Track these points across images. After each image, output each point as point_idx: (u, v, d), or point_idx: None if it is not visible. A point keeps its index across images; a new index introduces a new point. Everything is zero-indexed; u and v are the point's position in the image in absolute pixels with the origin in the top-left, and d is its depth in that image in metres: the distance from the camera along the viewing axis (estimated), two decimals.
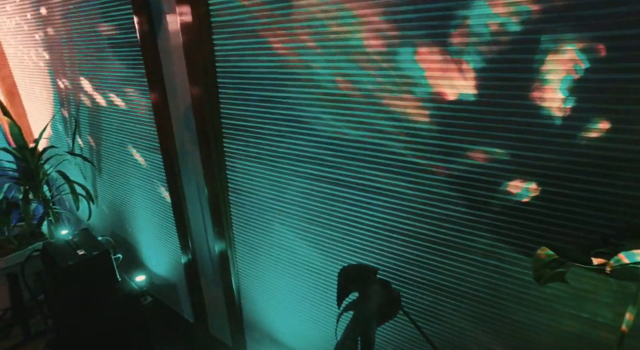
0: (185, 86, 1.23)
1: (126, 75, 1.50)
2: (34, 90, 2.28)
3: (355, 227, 1.00)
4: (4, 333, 1.99)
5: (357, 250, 1.02)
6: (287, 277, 1.24)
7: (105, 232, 2.26)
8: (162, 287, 1.91)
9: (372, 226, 0.96)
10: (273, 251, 1.24)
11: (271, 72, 1.01)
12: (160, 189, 1.59)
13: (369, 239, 0.98)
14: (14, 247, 2.15)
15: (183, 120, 1.32)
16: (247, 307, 1.44)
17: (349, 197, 0.98)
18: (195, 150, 1.31)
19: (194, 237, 1.52)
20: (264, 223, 1.22)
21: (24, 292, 1.97)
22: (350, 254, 1.04)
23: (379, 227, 0.95)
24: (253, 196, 1.22)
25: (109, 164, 1.92)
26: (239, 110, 1.14)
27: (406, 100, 0.79)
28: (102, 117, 1.80)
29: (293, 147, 1.05)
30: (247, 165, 1.19)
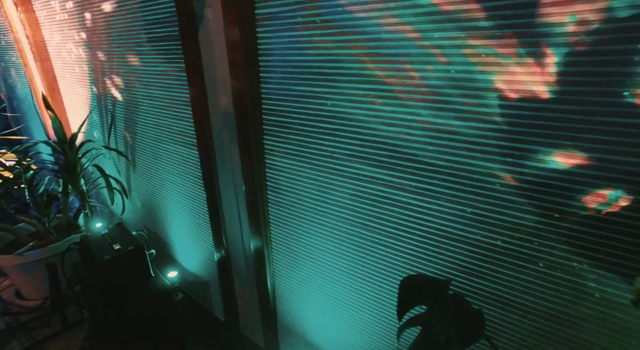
0: (226, 81, 1.21)
1: (164, 70, 1.51)
2: (73, 84, 2.35)
3: (409, 233, 0.94)
4: (44, 321, 2.07)
5: (411, 258, 0.97)
6: (327, 281, 1.20)
7: (137, 226, 2.31)
8: (194, 284, 1.93)
9: (429, 233, 0.91)
10: (313, 253, 1.21)
11: (318, 66, 0.97)
12: (195, 185, 1.59)
13: (424, 247, 0.93)
14: (53, 238, 2.23)
15: (222, 116, 1.30)
16: (282, 309, 1.42)
17: (402, 201, 0.93)
18: (234, 147, 1.30)
19: (228, 235, 1.52)
20: (304, 224, 1.19)
21: (61, 282, 2.03)
22: (402, 261, 0.99)
23: (437, 233, 0.89)
24: (293, 195, 1.19)
25: (143, 158, 1.95)
26: (281, 106, 1.11)
27: (474, 98, 0.73)
28: (138, 112, 1.82)
29: (341, 145, 1.00)
30: (288, 163, 1.16)
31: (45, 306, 2.17)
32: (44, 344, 1.92)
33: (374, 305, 1.10)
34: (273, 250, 1.35)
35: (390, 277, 1.03)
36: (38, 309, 2.17)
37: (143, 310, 1.63)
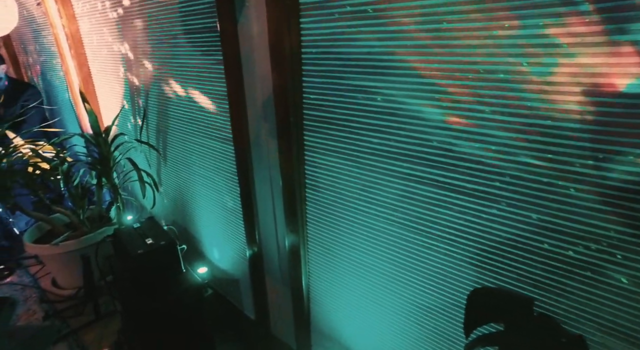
0: (266, 74, 1.18)
1: (200, 63, 1.50)
2: (106, 77, 2.40)
3: (465, 239, 0.89)
4: (78, 310, 2.13)
5: (466, 266, 0.91)
6: (368, 285, 1.16)
7: (167, 220, 2.34)
8: (223, 280, 1.93)
9: (488, 240, 0.85)
10: (353, 255, 1.17)
11: (368, 58, 0.93)
12: (229, 180, 1.58)
13: (482, 254, 0.87)
14: (87, 229, 2.29)
15: (260, 110, 1.28)
16: (317, 311, 1.39)
17: (458, 204, 0.87)
18: (271, 142, 1.27)
19: (261, 232, 1.50)
20: (344, 224, 1.15)
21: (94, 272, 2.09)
22: (456, 269, 0.94)
23: (497, 241, 0.83)
24: (333, 194, 1.15)
25: (175, 152, 1.96)
26: (324, 101, 1.07)
27: (549, 93, 0.67)
28: (171, 106, 1.83)
29: (389, 143, 0.96)
30: (329, 160, 1.12)
31: (79, 296, 2.23)
32: (79, 332, 1.97)
33: (420, 313, 1.05)
34: (309, 250, 1.32)
35: (441, 285, 0.98)
36: (73, 298, 2.24)
37: (173, 305, 1.64)
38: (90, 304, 2.08)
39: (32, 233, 2.34)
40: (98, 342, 1.91)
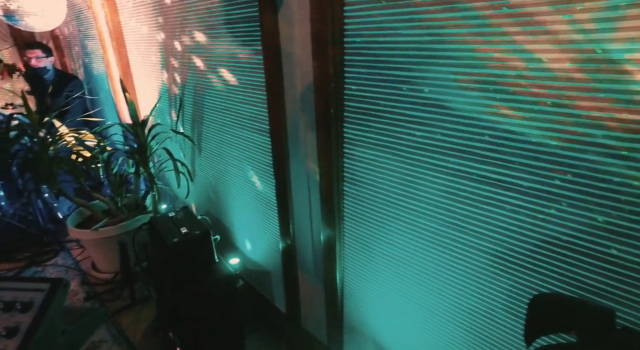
0: (307, 64, 1.17)
1: (238, 53, 1.50)
2: (145, 68, 2.47)
3: (519, 241, 0.84)
4: (115, 294, 2.23)
5: (519, 269, 0.86)
6: (406, 283, 1.14)
7: (200, 210, 2.40)
8: (255, 272, 1.96)
9: (545, 242, 0.80)
10: (392, 252, 1.15)
11: (417, 48, 0.89)
12: (264, 172, 1.59)
13: (538, 257, 0.82)
14: (124, 216, 2.39)
15: (299, 102, 1.27)
16: (350, 307, 1.38)
17: (512, 203, 0.83)
18: (309, 134, 1.26)
19: (296, 225, 1.50)
20: (384, 220, 1.13)
21: (130, 258, 2.17)
22: (508, 272, 0.89)
23: (555, 244, 0.78)
24: (374, 189, 1.13)
25: (210, 143, 1.99)
26: (367, 92, 1.05)
27: (628, 82, 0.61)
28: (207, 96, 1.86)
29: (436, 136, 0.92)
30: (370, 153, 1.10)
31: (116, 280, 2.33)
32: (117, 315, 2.07)
33: (461, 315, 1.02)
34: (345, 245, 1.30)
35: (487, 287, 0.94)
36: (110, 282, 2.35)
37: (206, 295, 1.68)
38: (127, 289, 2.17)
39: (74, 218, 2.47)
40: (134, 326, 1.99)
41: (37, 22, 2.71)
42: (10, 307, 0.80)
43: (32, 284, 0.83)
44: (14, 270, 2.48)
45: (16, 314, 0.80)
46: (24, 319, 0.79)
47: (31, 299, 0.81)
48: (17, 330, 0.78)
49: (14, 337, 0.77)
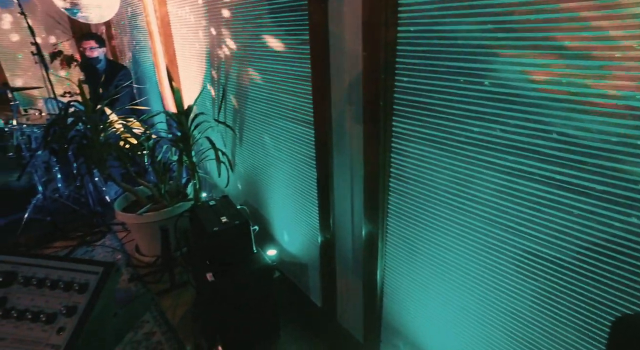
0: (356, 54, 1.14)
1: (284, 43, 1.50)
2: (190, 58, 2.54)
3: (591, 251, 0.78)
4: (156, 277, 2.34)
5: (588, 281, 0.81)
6: (453, 287, 1.10)
7: (239, 200, 2.45)
8: (292, 264, 1.98)
9: (623, 255, 0.73)
10: (438, 253, 1.11)
11: (476, 37, 0.84)
12: (305, 164, 1.59)
13: (613, 271, 0.76)
14: (167, 203, 2.49)
15: (346, 93, 1.25)
16: (390, 307, 1.36)
17: (582, 208, 0.77)
18: (356, 127, 1.24)
19: (336, 219, 1.49)
20: (432, 219, 1.09)
21: (172, 244, 2.27)
22: (574, 284, 0.84)
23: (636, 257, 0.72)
24: (422, 186, 1.09)
25: (251, 133, 2.02)
26: (420, 84, 1.01)
27: None
28: (250, 86, 1.88)
29: (493, 132, 0.87)
30: (420, 149, 1.06)
31: (158, 264, 2.45)
32: (157, 298, 2.17)
33: (512, 324, 0.97)
34: (388, 243, 1.28)
35: (546, 298, 0.88)
36: (152, 265, 2.47)
37: (243, 284, 1.72)
38: (167, 273, 2.27)
39: (120, 202, 2.61)
40: (173, 309, 2.08)
41: (94, 14, 2.86)
42: (69, 287, 0.86)
43: (87, 266, 0.88)
44: (68, 248, 2.67)
45: (74, 294, 0.85)
46: (80, 300, 0.84)
47: (87, 280, 0.86)
48: (76, 310, 0.83)
49: (73, 316, 0.82)
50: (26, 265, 0.92)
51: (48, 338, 0.82)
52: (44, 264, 0.93)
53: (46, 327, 0.84)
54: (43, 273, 0.92)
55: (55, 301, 0.88)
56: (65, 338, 0.80)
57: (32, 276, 0.92)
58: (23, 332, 0.84)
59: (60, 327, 0.83)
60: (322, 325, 1.82)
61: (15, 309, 0.88)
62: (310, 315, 1.90)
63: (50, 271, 0.91)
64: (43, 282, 0.91)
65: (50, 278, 0.91)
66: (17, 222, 2.88)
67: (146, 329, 1.91)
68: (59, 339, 0.81)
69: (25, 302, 0.89)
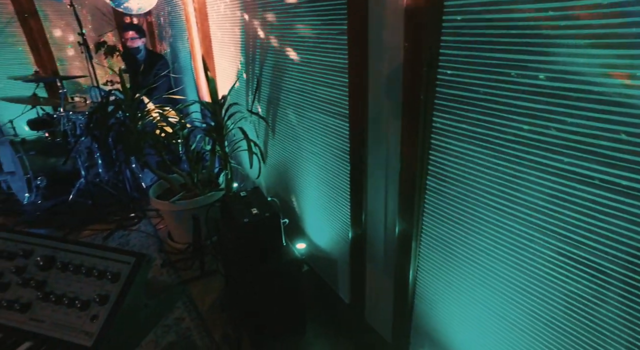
0: (397, 45, 1.10)
1: (321, 33, 1.47)
2: (225, 48, 2.56)
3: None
4: (187, 264, 2.41)
5: None
6: (490, 294, 1.04)
7: (270, 192, 2.46)
8: (321, 259, 1.97)
9: None
10: (477, 257, 1.05)
11: (532, 26, 0.78)
12: (339, 158, 1.56)
13: None
14: (199, 191, 2.55)
15: (384, 86, 1.20)
16: (421, 309, 1.32)
17: None
18: (393, 122, 1.20)
19: (368, 216, 1.46)
20: (471, 221, 1.04)
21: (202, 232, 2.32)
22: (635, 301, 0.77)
23: None
24: (462, 186, 1.04)
25: (284, 125, 2.01)
26: (465, 77, 0.95)
27: None
28: (284, 77, 1.87)
29: (547, 131, 0.81)
30: (462, 147, 1.01)
31: (189, 251, 2.52)
32: (188, 284, 2.23)
33: (556, 338, 0.90)
34: (422, 243, 1.23)
35: (598, 313, 0.81)
36: (183, 252, 2.54)
37: (272, 277, 1.73)
38: (197, 260, 2.32)
39: (155, 189, 2.69)
40: (202, 297, 2.14)
41: (134, 4, 2.95)
42: (102, 275, 0.88)
43: (120, 255, 0.90)
44: (106, 231, 2.80)
45: (107, 283, 0.88)
46: (113, 289, 0.86)
47: (119, 270, 0.88)
48: (108, 299, 0.86)
49: (105, 304, 0.85)
50: (64, 250, 0.96)
51: (82, 325, 0.85)
52: (80, 251, 0.96)
53: (81, 314, 0.87)
54: (79, 260, 0.95)
55: (90, 288, 0.90)
56: (97, 326, 0.83)
57: (69, 262, 0.95)
58: (60, 317, 0.88)
59: (93, 314, 0.85)
60: (349, 322, 1.80)
61: (54, 293, 0.91)
62: (337, 311, 1.89)
63: (85, 258, 0.94)
64: (79, 269, 0.93)
65: (85, 265, 0.93)
66: (63, 204, 3.05)
67: (176, 314, 1.98)
68: (93, 327, 0.83)
69: (63, 287, 0.92)
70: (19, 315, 0.90)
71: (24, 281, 0.94)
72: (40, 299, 0.91)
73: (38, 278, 0.94)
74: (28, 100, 3.11)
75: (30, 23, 3.86)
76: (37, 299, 0.92)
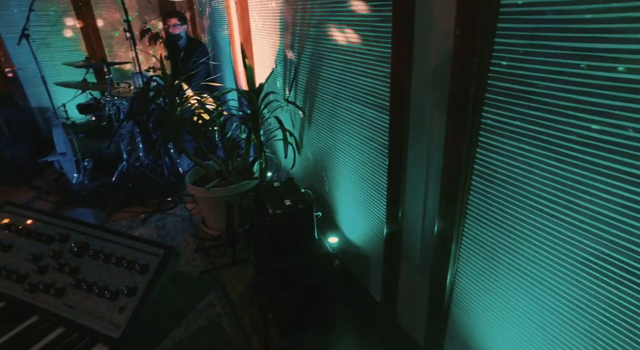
0: (447, 32, 1.01)
1: (363, 21, 1.40)
2: (263, 36, 2.54)
3: None
4: (220, 251, 2.46)
5: None
6: (538, 308, 0.96)
7: (303, 183, 2.44)
8: (353, 254, 1.93)
9: None
10: (525, 266, 0.97)
11: (611, 9, 0.68)
12: (376, 152, 1.51)
13: None
14: (233, 180, 2.57)
15: (429, 77, 1.13)
16: (458, 315, 1.25)
17: None
18: (437, 116, 1.12)
19: (405, 214, 1.40)
20: (522, 229, 0.96)
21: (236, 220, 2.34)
22: None
23: None
24: (514, 189, 0.95)
25: (321, 115, 1.97)
26: (522, 69, 0.86)
27: None
28: (323, 66, 1.82)
29: (623, 133, 0.71)
30: (514, 146, 0.92)
31: (221, 238, 2.56)
32: (220, 270, 2.28)
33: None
34: (463, 246, 1.16)
35: None
36: (216, 238, 2.59)
37: (303, 270, 1.71)
38: (229, 248, 2.36)
39: (191, 175, 2.75)
40: (233, 284, 2.17)
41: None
42: (131, 266, 0.89)
43: (149, 246, 0.90)
44: (144, 213, 2.92)
45: (136, 275, 0.88)
46: (141, 281, 0.87)
47: (147, 262, 0.88)
48: (136, 291, 0.86)
49: (133, 296, 0.85)
50: (97, 238, 0.97)
51: (111, 315, 0.85)
52: (112, 239, 0.96)
53: (110, 304, 0.87)
54: (111, 248, 0.95)
55: (119, 279, 0.90)
56: (125, 318, 0.83)
57: (101, 250, 0.96)
58: (90, 305, 0.88)
59: (121, 306, 0.85)
60: (380, 321, 1.76)
61: (85, 281, 0.92)
62: (368, 308, 1.85)
63: (116, 247, 0.94)
64: (109, 258, 0.93)
65: (116, 255, 0.93)
66: (107, 185, 3.21)
67: (207, 299, 2.02)
68: (120, 318, 0.83)
69: (94, 275, 0.93)
70: (54, 300, 0.92)
71: (59, 266, 0.96)
72: (73, 285, 0.93)
73: (72, 264, 0.96)
74: (78, 85, 3.26)
75: (83, 11, 4.04)
76: (70, 285, 0.93)
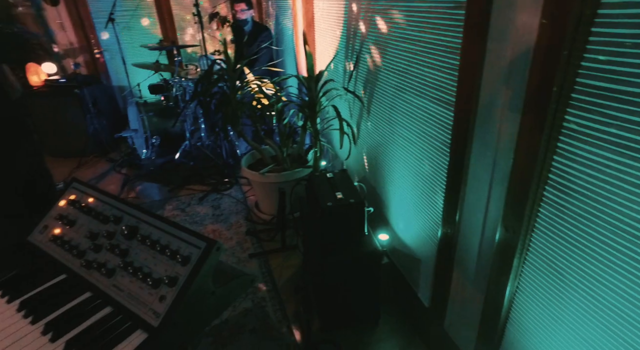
0: (529, 22, 0.91)
1: (432, 7, 1.31)
2: (326, 23, 2.50)
3: None
4: (270, 235, 2.52)
5: None
6: (611, 340, 0.85)
7: (357, 176, 2.40)
8: (403, 254, 1.87)
9: None
10: (600, 295, 0.86)
11: None
12: (436, 149, 1.42)
13: None
14: (287, 166, 2.61)
15: (504, 72, 1.02)
16: (514, 335, 1.16)
17: None
18: (509, 116, 1.02)
19: (463, 218, 1.31)
20: (600, 249, 0.84)
21: (287, 207, 2.38)
22: None
23: None
24: (594, 204, 0.84)
25: (380, 107, 1.91)
26: (625, 65, 0.74)
27: None
28: (385, 56, 1.75)
29: None
30: (602, 156, 0.81)
31: (273, 223, 2.63)
32: (269, 255, 2.34)
33: None
34: (527, 262, 1.06)
35: None
36: (268, 223, 2.66)
37: (350, 265, 1.70)
38: (280, 233, 2.41)
39: (247, 158, 2.84)
40: (279, 270, 2.22)
41: None
42: (174, 256, 0.91)
43: (192, 238, 0.92)
44: (202, 192, 3.08)
45: (177, 265, 0.90)
46: (182, 272, 0.89)
47: (189, 253, 0.90)
48: (176, 281, 0.88)
49: (173, 287, 0.88)
50: (146, 223, 1.00)
51: (152, 302, 0.87)
52: (158, 226, 0.98)
53: (152, 291, 0.88)
54: (157, 235, 0.97)
55: (162, 267, 0.91)
56: (164, 307, 0.84)
57: (149, 235, 0.98)
58: (135, 289, 0.91)
59: (162, 295, 0.86)
60: (426, 326, 1.70)
61: (132, 265, 0.95)
62: (415, 312, 1.79)
63: (162, 235, 0.96)
64: (155, 245, 0.95)
65: (161, 242, 0.95)
66: (171, 162, 3.44)
67: (255, 282, 2.09)
68: (161, 307, 0.85)
69: (140, 260, 0.95)
70: (105, 279, 0.96)
71: (111, 247, 0.99)
72: (121, 267, 0.96)
73: (122, 246, 0.99)
74: (151, 67, 3.49)
75: None
76: (119, 267, 0.96)
